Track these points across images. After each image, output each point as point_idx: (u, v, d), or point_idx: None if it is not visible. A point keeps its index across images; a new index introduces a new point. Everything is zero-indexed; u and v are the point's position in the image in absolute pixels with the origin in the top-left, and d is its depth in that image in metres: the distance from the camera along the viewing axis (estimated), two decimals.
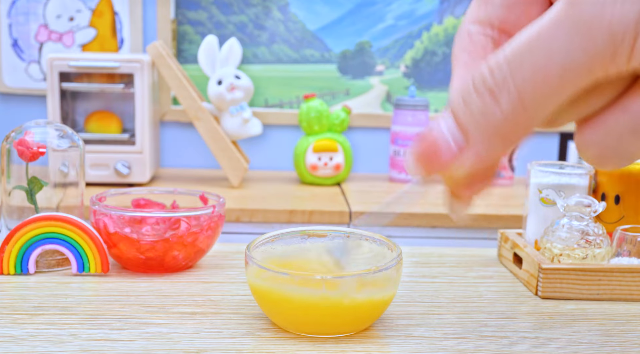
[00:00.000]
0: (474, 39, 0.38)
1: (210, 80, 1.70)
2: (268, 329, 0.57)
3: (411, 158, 0.35)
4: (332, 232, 0.64)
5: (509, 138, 0.32)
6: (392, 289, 0.56)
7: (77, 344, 0.53)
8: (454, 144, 0.33)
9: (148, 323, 0.58)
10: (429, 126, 0.34)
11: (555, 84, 0.29)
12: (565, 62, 0.29)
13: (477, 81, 0.31)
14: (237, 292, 0.66)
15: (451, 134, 0.33)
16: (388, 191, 1.72)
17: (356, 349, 0.53)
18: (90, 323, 0.57)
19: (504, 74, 0.30)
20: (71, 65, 1.59)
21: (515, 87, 0.30)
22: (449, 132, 0.33)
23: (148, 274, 0.71)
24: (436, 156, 0.33)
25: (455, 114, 0.32)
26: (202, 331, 0.56)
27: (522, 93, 0.30)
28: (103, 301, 0.63)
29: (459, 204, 0.37)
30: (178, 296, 0.65)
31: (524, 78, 0.30)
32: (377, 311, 0.57)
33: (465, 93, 0.32)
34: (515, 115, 0.31)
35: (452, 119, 0.33)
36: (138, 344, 0.53)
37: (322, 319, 0.54)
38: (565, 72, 0.29)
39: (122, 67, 1.60)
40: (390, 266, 0.55)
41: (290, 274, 0.54)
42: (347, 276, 0.54)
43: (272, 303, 0.55)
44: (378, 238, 0.62)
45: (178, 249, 0.71)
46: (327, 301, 0.53)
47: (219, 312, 0.61)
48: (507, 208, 1.51)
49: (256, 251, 0.61)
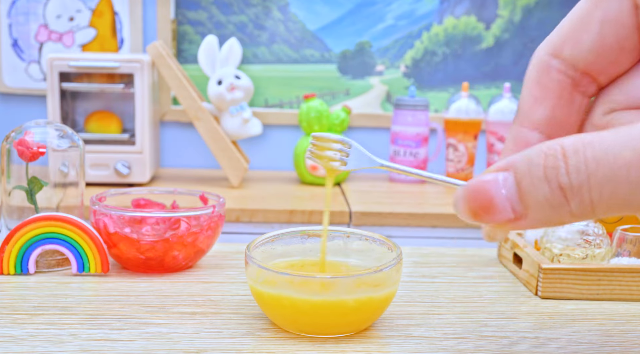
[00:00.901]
0: (552, 75, 0.38)
1: (210, 80, 1.70)
2: (268, 329, 0.57)
3: (462, 204, 0.34)
4: (332, 232, 0.64)
5: (566, 223, 0.32)
6: (392, 289, 0.56)
7: (77, 344, 0.53)
8: (511, 211, 0.32)
9: (148, 323, 0.58)
10: (485, 179, 0.33)
11: (632, 209, 0.30)
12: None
13: (550, 171, 0.31)
14: (237, 292, 0.66)
15: (510, 201, 0.32)
16: (388, 191, 1.72)
17: (356, 349, 0.53)
18: (90, 323, 0.57)
19: (581, 181, 0.30)
20: (71, 65, 1.59)
21: (590, 200, 0.30)
22: (507, 197, 0.32)
23: (148, 274, 0.71)
24: (490, 214, 0.33)
25: (519, 184, 0.32)
26: (202, 331, 0.56)
27: (595, 206, 0.30)
28: (103, 301, 0.63)
29: (496, 233, 0.37)
30: (178, 296, 0.65)
31: (601, 196, 0.30)
32: (377, 311, 0.57)
33: (536, 173, 0.31)
34: (582, 218, 0.31)
35: (513, 184, 0.32)
36: (138, 344, 0.53)
37: (322, 319, 0.54)
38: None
39: (122, 67, 1.59)
40: (390, 266, 0.55)
41: (290, 275, 0.54)
42: (346, 277, 0.54)
43: (272, 303, 0.55)
44: (378, 238, 0.62)
45: (178, 249, 0.71)
46: (326, 301, 0.53)
47: (219, 312, 0.61)
48: None
49: (256, 251, 0.61)
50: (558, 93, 0.38)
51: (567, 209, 0.31)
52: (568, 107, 0.39)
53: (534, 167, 0.31)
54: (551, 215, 0.32)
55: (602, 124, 0.38)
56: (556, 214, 0.31)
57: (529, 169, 0.32)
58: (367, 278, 0.54)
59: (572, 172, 0.30)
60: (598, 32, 0.36)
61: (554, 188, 0.31)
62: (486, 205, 0.33)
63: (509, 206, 0.32)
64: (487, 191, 0.33)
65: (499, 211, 0.33)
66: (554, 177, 0.31)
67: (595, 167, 0.30)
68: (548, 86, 0.38)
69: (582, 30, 0.37)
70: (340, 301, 0.53)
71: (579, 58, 0.37)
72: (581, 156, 0.30)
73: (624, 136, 0.30)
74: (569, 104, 0.38)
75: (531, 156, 0.32)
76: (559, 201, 0.31)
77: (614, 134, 0.30)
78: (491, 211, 0.33)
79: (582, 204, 0.30)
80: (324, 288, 0.53)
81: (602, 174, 0.30)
